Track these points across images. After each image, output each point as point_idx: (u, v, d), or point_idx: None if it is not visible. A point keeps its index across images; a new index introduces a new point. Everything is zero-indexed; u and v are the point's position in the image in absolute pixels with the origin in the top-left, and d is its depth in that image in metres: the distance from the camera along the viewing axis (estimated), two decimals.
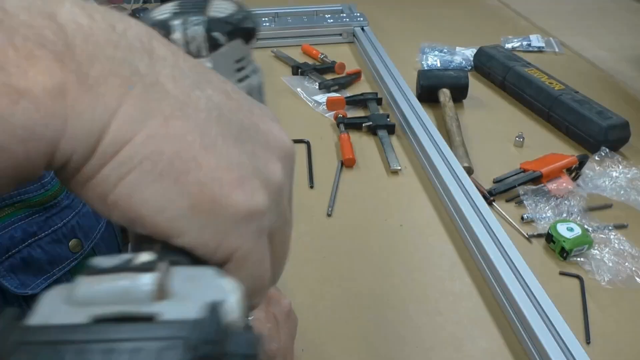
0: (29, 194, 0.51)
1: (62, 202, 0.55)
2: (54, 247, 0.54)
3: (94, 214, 0.60)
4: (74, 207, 0.58)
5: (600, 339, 0.67)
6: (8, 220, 0.49)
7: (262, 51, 1.44)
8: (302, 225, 0.85)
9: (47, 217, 0.54)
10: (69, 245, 0.56)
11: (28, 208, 0.51)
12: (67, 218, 0.56)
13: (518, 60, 1.25)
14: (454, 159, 0.93)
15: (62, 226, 0.55)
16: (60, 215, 0.55)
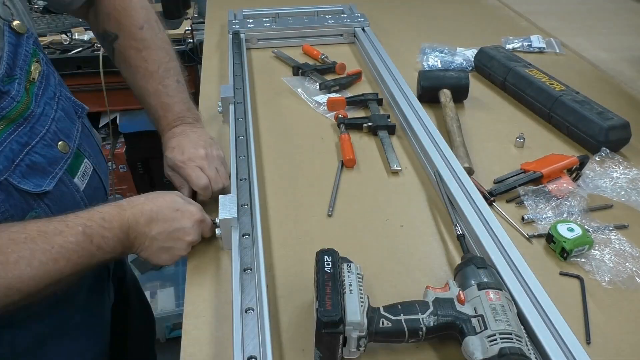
0: (6, 109, 0.60)
1: (36, 111, 0.65)
2: (47, 150, 0.65)
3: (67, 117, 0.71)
4: (48, 114, 0.67)
5: (601, 340, 0.67)
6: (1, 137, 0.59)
7: (262, 51, 1.44)
8: (302, 225, 0.85)
9: (30, 127, 0.64)
10: (57, 147, 0.68)
11: (12, 123, 0.61)
12: (47, 125, 0.66)
13: (519, 61, 1.25)
14: (455, 159, 0.93)
15: (46, 132, 0.66)
16: (40, 123, 0.65)
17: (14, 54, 0.62)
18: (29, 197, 0.63)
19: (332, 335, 0.58)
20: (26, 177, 0.62)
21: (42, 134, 0.65)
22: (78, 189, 0.72)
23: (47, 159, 0.65)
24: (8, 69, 0.61)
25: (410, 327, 0.61)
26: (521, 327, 0.61)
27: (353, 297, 0.61)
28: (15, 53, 0.62)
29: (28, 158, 0.63)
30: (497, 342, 0.57)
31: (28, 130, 0.63)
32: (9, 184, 0.60)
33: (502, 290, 0.64)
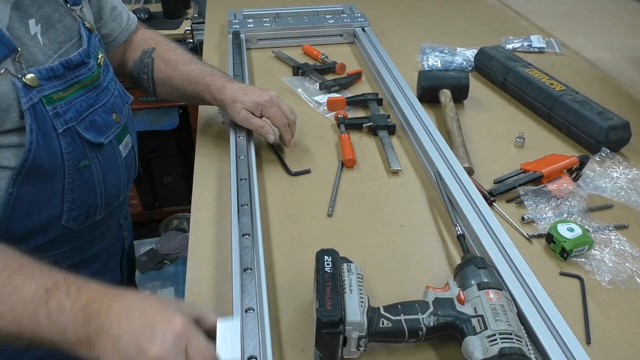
0: (83, 75, 0.77)
1: (103, 84, 0.82)
2: (105, 116, 0.81)
3: (120, 98, 0.88)
4: (110, 89, 0.84)
5: (601, 340, 0.67)
6: (75, 95, 0.76)
7: (262, 52, 1.44)
8: (302, 225, 0.85)
9: (96, 94, 0.80)
10: (112, 116, 0.83)
11: (84, 88, 0.77)
12: (107, 97, 0.83)
13: (519, 61, 1.25)
14: (455, 159, 0.93)
15: (106, 102, 0.82)
16: (103, 94, 0.82)
17: (88, 42, 0.80)
18: (87, 146, 0.77)
19: (332, 335, 0.58)
20: (88, 130, 0.77)
21: (103, 102, 0.81)
22: (120, 155, 0.85)
23: (104, 121, 0.81)
24: (87, 48, 0.79)
25: (410, 327, 0.61)
26: (521, 327, 0.61)
27: (353, 297, 0.61)
28: (89, 41, 0.80)
29: (91, 116, 0.78)
30: (497, 342, 0.57)
31: (95, 96, 0.80)
32: (75, 131, 0.75)
33: (502, 290, 0.64)
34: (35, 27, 0.71)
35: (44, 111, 0.70)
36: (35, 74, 0.68)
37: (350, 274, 0.64)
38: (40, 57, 0.71)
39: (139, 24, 1.05)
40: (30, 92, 0.68)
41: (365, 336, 0.60)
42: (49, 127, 0.70)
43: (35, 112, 0.68)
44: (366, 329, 0.60)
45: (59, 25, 0.76)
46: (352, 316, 0.59)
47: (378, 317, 0.61)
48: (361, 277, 0.65)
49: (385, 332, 0.61)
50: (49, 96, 0.71)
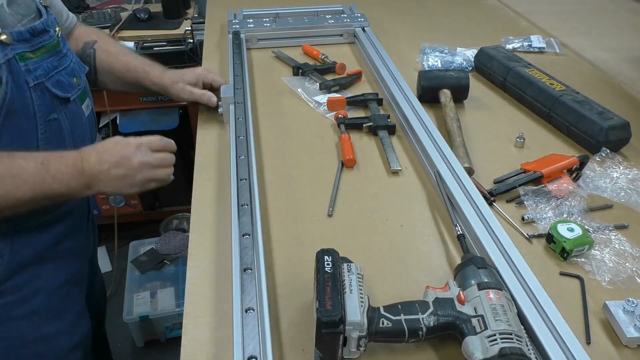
0: (46, 41, 0.88)
1: (63, 50, 0.93)
2: (68, 78, 0.92)
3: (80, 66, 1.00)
4: (69, 55, 0.96)
5: (601, 340, 0.67)
6: (42, 57, 0.87)
7: (262, 51, 1.44)
8: (302, 225, 0.85)
9: (59, 58, 0.91)
10: (74, 79, 0.94)
11: (47, 52, 0.88)
12: (69, 61, 0.94)
13: (519, 61, 1.25)
14: (455, 159, 0.93)
15: (68, 65, 0.93)
16: (65, 59, 0.93)
17: (47, 14, 0.91)
18: (55, 101, 0.88)
19: (332, 335, 0.58)
20: (55, 87, 0.88)
21: (65, 66, 0.93)
22: (83, 113, 0.96)
23: (67, 82, 0.92)
24: (47, 19, 0.90)
25: (411, 327, 0.61)
26: (521, 327, 0.61)
27: (353, 297, 0.61)
28: (47, 14, 0.91)
29: (57, 76, 0.89)
30: (497, 342, 0.57)
31: (58, 60, 0.91)
32: (44, 86, 0.86)
33: (502, 290, 0.64)
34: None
35: (18, 66, 0.81)
36: (7, 34, 0.79)
37: (350, 274, 0.64)
38: (9, 21, 0.82)
39: (78, 22, 1.16)
40: (5, 48, 0.79)
41: (365, 336, 0.60)
42: (22, 81, 0.81)
43: (10, 66, 0.79)
44: (366, 329, 0.60)
45: (20, 0, 0.87)
46: (352, 316, 0.59)
47: (378, 317, 0.61)
48: (361, 277, 0.65)
49: (386, 332, 0.61)
50: (21, 54, 0.82)
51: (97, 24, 2.05)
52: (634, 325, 0.66)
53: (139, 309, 1.87)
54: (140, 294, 1.92)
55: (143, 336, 1.95)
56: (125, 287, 1.95)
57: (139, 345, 1.96)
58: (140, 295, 1.92)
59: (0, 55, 0.78)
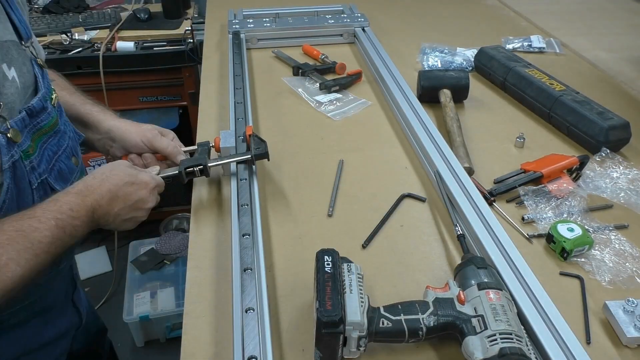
0: (44, 122, 0.75)
1: (60, 127, 0.80)
2: (67, 161, 0.81)
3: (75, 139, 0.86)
4: (67, 131, 0.83)
5: (601, 339, 0.67)
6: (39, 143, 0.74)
7: (263, 51, 1.44)
8: (302, 225, 0.85)
9: (57, 140, 0.79)
10: (72, 160, 0.83)
11: (45, 135, 0.75)
12: (67, 140, 0.82)
13: (519, 61, 1.25)
14: (455, 159, 0.93)
15: (66, 146, 0.81)
16: (63, 138, 0.81)
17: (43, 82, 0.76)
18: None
19: (332, 335, 0.58)
20: (57, 181, 0.78)
21: (64, 147, 0.80)
22: None
23: (67, 168, 0.81)
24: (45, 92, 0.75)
25: (411, 327, 0.61)
26: (521, 327, 0.61)
27: (353, 297, 0.61)
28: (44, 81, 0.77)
29: (57, 165, 0.78)
30: (497, 342, 0.57)
31: (56, 142, 0.78)
32: (48, 183, 0.75)
33: (502, 290, 0.64)
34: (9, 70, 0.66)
35: (23, 166, 0.69)
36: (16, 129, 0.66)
37: (350, 274, 0.64)
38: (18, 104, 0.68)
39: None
40: (13, 148, 0.66)
41: (365, 336, 0.60)
42: (25, 183, 0.70)
43: (15, 169, 0.67)
44: (366, 329, 0.60)
45: (24, 68, 0.72)
46: (352, 316, 0.59)
47: (378, 317, 0.61)
48: (361, 277, 0.65)
49: (386, 332, 0.61)
50: (26, 150, 0.70)
51: (97, 24, 2.05)
52: (634, 325, 0.66)
53: (139, 309, 1.87)
54: (140, 294, 1.92)
55: (143, 336, 1.95)
56: (125, 287, 1.94)
57: (139, 345, 1.96)
58: (140, 295, 1.92)
59: (6, 158, 0.65)
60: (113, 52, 1.95)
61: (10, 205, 0.68)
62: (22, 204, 0.69)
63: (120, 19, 2.11)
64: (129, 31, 2.05)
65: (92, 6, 2.26)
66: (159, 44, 2.02)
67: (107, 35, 1.98)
